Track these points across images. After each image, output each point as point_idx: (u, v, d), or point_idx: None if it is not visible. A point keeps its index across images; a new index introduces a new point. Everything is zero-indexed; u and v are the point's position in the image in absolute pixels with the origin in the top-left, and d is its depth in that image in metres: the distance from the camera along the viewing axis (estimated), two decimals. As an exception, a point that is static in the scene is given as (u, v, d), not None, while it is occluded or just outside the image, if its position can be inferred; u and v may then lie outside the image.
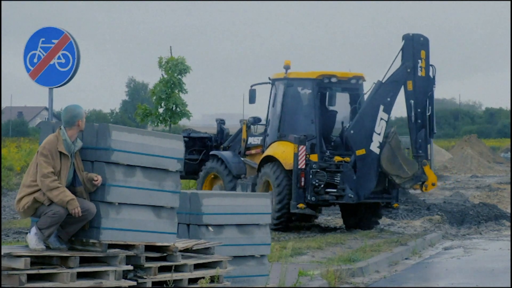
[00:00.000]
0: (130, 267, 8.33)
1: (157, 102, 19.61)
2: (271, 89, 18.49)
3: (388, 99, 17.46)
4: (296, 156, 16.91)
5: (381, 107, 17.36)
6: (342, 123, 18.31)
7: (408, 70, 17.54)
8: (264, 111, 18.73)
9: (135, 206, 8.57)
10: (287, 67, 18.03)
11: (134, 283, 8.32)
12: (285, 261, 11.41)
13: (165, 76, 19.84)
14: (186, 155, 18.20)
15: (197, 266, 9.00)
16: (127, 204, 8.50)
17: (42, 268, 7.88)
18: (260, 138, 18.64)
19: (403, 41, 17.80)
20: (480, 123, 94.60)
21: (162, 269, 8.62)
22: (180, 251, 8.81)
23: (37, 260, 8.00)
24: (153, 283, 8.49)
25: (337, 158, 17.52)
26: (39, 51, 13.17)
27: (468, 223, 19.86)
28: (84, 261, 8.17)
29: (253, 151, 18.69)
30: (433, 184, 17.94)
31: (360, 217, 18.26)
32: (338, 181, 17.13)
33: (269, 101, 18.57)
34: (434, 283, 11.85)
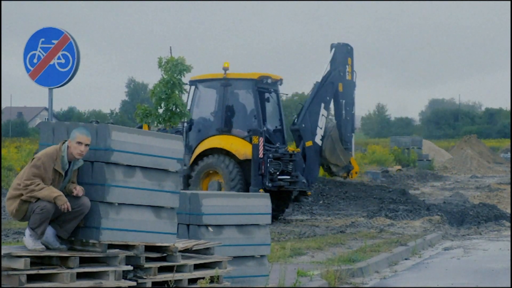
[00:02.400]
0: (130, 267, 8.33)
1: (156, 103, 19.59)
2: (194, 91, 20.11)
3: (327, 98, 20.12)
4: (256, 146, 18.69)
5: (322, 105, 19.97)
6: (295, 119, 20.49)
7: (341, 74, 20.22)
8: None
9: (135, 206, 8.57)
10: (225, 69, 19.55)
11: (134, 283, 8.32)
12: (285, 261, 11.42)
13: (165, 76, 19.80)
14: None
15: (197, 266, 9.01)
16: (127, 204, 8.50)
17: (42, 268, 7.88)
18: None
19: (333, 49, 20.38)
20: (480, 124, 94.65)
21: (162, 269, 8.63)
22: (180, 251, 8.82)
23: (37, 260, 8.00)
24: (153, 283, 8.50)
25: (291, 149, 19.60)
26: (39, 51, 13.17)
27: (468, 224, 19.86)
28: (84, 261, 8.17)
29: None
30: (356, 173, 21.02)
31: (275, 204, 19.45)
32: (291, 169, 19.17)
33: (192, 102, 20.08)
34: (434, 283, 11.85)
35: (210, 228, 9.66)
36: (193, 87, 20.17)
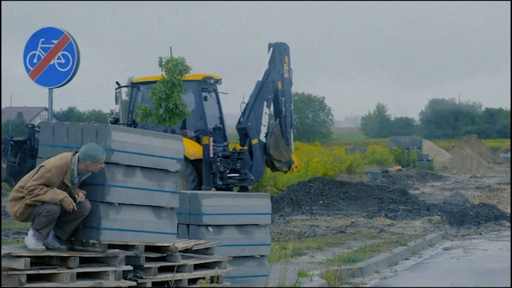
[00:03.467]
0: (130, 267, 8.33)
1: (157, 103, 19.59)
2: (136, 92, 20.61)
3: (269, 96, 20.70)
4: (207, 146, 19.28)
5: (265, 103, 20.58)
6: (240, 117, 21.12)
7: (280, 72, 20.79)
8: None
9: (135, 206, 8.57)
10: None
11: (134, 283, 8.32)
12: (285, 261, 11.42)
13: (165, 76, 19.78)
14: (9, 158, 19.87)
15: (197, 266, 9.01)
16: (127, 204, 8.50)
17: (42, 269, 7.88)
18: None
19: (271, 48, 20.91)
20: (480, 124, 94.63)
21: (162, 269, 8.63)
22: (180, 251, 8.82)
23: (37, 261, 8.00)
24: (153, 283, 8.50)
25: (238, 147, 20.31)
26: (39, 51, 13.18)
27: (468, 224, 19.85)
28: (84, 261, 8.18)
29: None
30: (296, 167, 21.98)
31: None
32: (239, 167, 19.84)
33: (135, 103, 20.50)
34: (434, 283, 11.85)
35: (210, 228, 9.66)
36: (135, 89, 20.70)
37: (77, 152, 8.28)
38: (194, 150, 19.52)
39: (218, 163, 19.33)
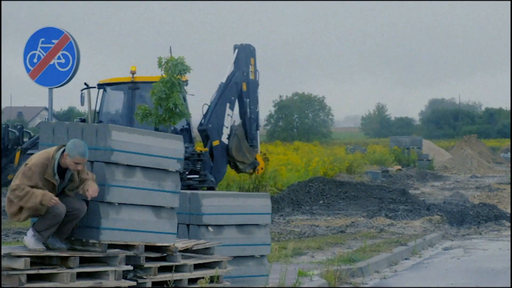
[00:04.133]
0: (130, 267, 8.33)
1: (156, 103, 19.59)
2: (102, 94, 20.62)
3: (232, 98, 20.72)
4: None
5: (228, 105, 20.60)
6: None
7: (245, 74, 20.86)
8: None
9: (135, 206, 8.57)
10: (133, 73, 20.17)
11: (134, 283, 8.32)
12: (285, 261, 11.41)
13: (165, 76, 19.78)
14: None
15: (197, 266, 9.00)
16: (127, 204, 8.50)
17: (42, 268, 7.88)
18: None
19: (236, 49, 21.04)
20: (480, 123, 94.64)
21: (162, 269, 8.62)
22: (180, 251, 8.81)
23: (37, 260, 8.00)
24: (153, 283, 8.49)
25: (198, 148, 20.37)
26: (39, 51, 13.18)
27: (468, 223, 19.85)
28: (84, 261, 8.17)
29: None
30: (262, 169, 21.91)
31: None
32: (199, 168, 19.91)
33: (100, 104, 20.60)
34: (434, 283, 11.85)
35: (210, 228, 9.66)
36: (101, 90, 20.70)
37: (64, 146, 8.19)
38: None
39: None
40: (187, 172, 19.61)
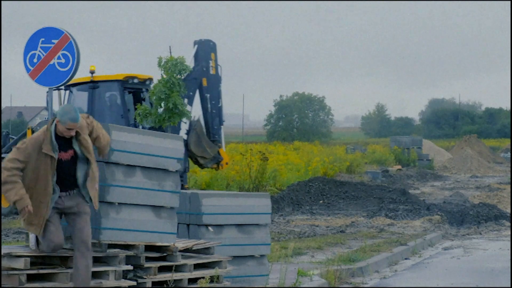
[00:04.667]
0: (130, 267, 8.33)
1: (156, 102, 19.60)
2: (68, 95, 20.81)
3: (191, 93, 20.79)
4: None
5: (186, 100, 20.49)
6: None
7: (204, 69, 20.96)
8: None
9: (135, 206, 8.57)
10: (92, 72, 20.34)
11: (134, 283, 8.32)
12: (285, 261, 11.41)
13: (165, 76, 19.80)
14: None
15: (197, 266, 9.00)
16: (127, 204, 8.50)
17: (42, 268, 7.87)
18: None
19: (196, 45, 21.13)
20: (480, 123, 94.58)
21: (162, 269, 8.62)
22: (180, 251, 8.82)
23: (37, 260, 7.99)
24: (153, 283, 8.49)
25: None
26: (39, 51, 13.17)
27: (468, 223, 19.85)
28: (84, 261, 8.16)
29: None
30: (226, 163, 21.88)
31: None
32: None
33: (62, 105, 20.82)
34: (434, 283, 11.85)
35: (210, 228, 9.66)
36: (68, 91, 20.87)
37: (53, 121, 7.88)
38: None
39: None
40: None
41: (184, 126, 20.74)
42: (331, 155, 39.30)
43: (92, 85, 20.34)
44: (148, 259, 8.60)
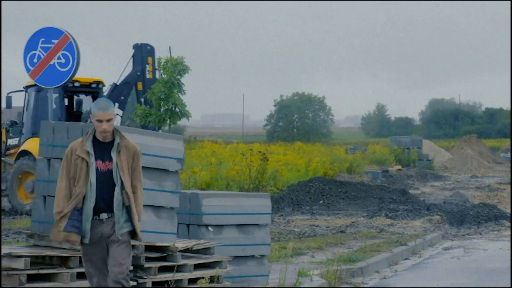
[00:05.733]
0: (130, 267, 8.32)
1: (156, 103, 19.62)
2: (25, 95, 21.35)
3: (122, 97, 20.99)
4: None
5: (117, 105, 20.70)
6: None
7: (138, 73, 20.98)
8: None
9: (135, 206, 8.55)
10: None
11: (134, 283, 8.32)
12: (285, 261, 11.41)
13: (164, 76, 19.82)
14: None
15: (197, 266, 9.00)
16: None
17: (42, 268, 7.88)
18: (18, 139, 21.48)
19: (134, 49, 21.13)
20: (480, 123, 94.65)
21: (162, 269, 8.62)
22: (180, 251, 8.81)
23: (37, 260, 7.99)
24: (153, 283, 8.49)
25: None
26: (39, 51, 13.17)
27: (468, 223, 19.85)
28: (84, 261, 8.16)
29: (12, 151, 21.46)
30: None
31: None
32: None
33: (24, 106, 21.41)
34: (434, 283, 11.85)
35: (210, 228, 9.66)
36: (28, 92, 21.32)
37: None
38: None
39: None
40: None
41: None
42: (331, 155, 39.29)
43: (37, 87, 20.64)
44: (148, 259, 8.59)
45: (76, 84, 20.69)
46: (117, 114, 20.60)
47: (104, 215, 6.98)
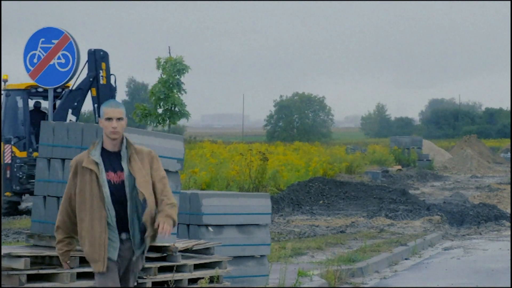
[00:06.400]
0: (130, 267, 8.32)
1: (155, 103, 19.62)
2: (7, 99, 21.48)
3: (75, 103, 20.77)
4: (3, 153, 20.63)
5: (70, 111, 20.59)
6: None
7: (91, 79, 20.90)
8: None
9: (135, 206, 8.55)
10: (5, 81, 21.21)
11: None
12: (285, 261, 11.41)
13: (164, 76, 19.82)
14: None
15: (197, 266, 9.00)
16: (127, 204, 8.48)
17: (42, 268, 7.87)
18: None
19: (87, 55, 21.10)
20: (480, 123, 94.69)
21: (162, 269, 8.62)
22: (180, 251, 8.81)
23: (37, 260, 7.99)
24: (153, 283, 8.49)
25: (36, 154, 20.74)
26: (39, 51, 13.17)
27: (468, 223, 19.85)
28: (84, 261, 8.15)
29: None
30: None
31: None
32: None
33: (5, 110, 21.55)
34: (434, 283, 11.85)
35: (210, 228, 9.66)
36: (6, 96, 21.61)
37: None
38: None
39: (15, 169, 20.56)
40: (24, 177, 20.59)
41: None
42: (331, 155, 39.29)
43: (7, 92, 21.15)
44: (148, 259, 8.59)
45: (39, 89, 21.10)
46: (70, 120, 20.85)
47: (124, 235, 6.23)
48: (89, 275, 8.14)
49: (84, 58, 19.29)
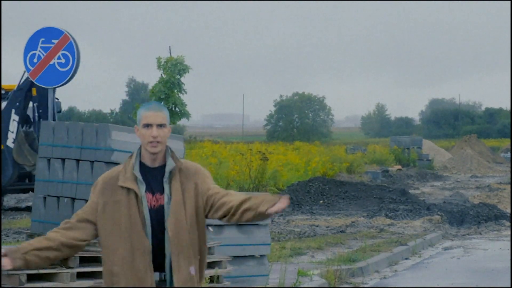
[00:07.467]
0: (130, 267, 8.31)
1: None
2: None
3: (17, 103, 20.97)
4: None
5: (13, 111, 20.92)
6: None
7: (30, 79, 21.35)
8: None
9: (135, 206, 8.55)
10: None
11: (134, 283, 8.29)
12: (285, 261, 11.41)
13: (164, 76, 19.81)
14: None
15: (197, 266, 8.99)
16: (127, 204, 8.47)
17: (42, 268, 7.87)
18: None
19: None
20: (480, 123, 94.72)
21: (162, 269, 8.61)
22: (180, 251, 8.80)
23: (37, 260, 7.99)
24: (153, 283, 8.48)
25: None
26: (39, 51, 13.18)
27: (468, 223, 19.86)
28: (84, 261, 8.17)
29: None
30: None
31: None
32: None
33: None
34: (434, 283, 11.85)
35: (210, 228, 9.66)
36: None
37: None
38: None
39: None
40: None
41: (11, 136, 21.42)
42: (331, 155, 39.30)
43: None
44: (148, 259, 8.58)
45: (3, 91, 21.46)
46: (13, 120, 21.13)
47: (156, 276, 4.70)
48: (89, 275, 8.14)
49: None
